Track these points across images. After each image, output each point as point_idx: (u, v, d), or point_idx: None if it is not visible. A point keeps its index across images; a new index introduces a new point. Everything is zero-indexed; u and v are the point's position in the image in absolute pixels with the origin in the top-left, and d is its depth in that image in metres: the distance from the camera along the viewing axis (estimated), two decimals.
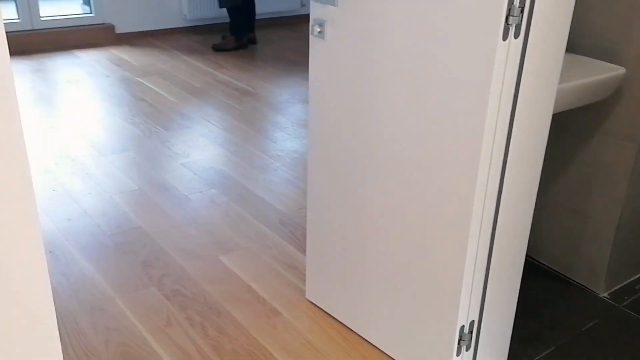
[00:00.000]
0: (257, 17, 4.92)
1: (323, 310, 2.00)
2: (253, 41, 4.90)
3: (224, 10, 4.80)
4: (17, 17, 4.54)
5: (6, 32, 4.41)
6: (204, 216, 2.53)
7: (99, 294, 2.07)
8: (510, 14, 1.26)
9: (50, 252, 2.28)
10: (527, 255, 2.29)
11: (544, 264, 2.26)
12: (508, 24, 1.28)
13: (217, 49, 4.73)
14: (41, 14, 4.60)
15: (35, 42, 4.54)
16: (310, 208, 1.90)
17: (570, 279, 2.19)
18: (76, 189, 2.71)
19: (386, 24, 1.50)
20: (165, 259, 2.25)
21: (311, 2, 1.69)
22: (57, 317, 1.95)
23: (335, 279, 1.90)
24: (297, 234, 2.43)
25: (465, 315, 1.59)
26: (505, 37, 1.29)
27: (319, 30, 1.67)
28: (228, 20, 4.80)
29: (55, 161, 2.94)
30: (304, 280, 2.13)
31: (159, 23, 5.02)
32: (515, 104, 1.39)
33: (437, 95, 1.43)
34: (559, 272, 2.22)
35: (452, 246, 1.51)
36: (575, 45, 1.98)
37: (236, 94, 3.87)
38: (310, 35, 1.71)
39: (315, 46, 1.71)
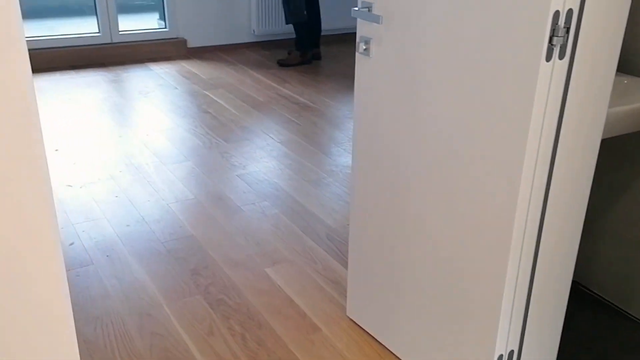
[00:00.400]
0: (322, 34, 4.94)
1: (362, 329, 1.96)
2: (317, 57, 4.92)
3: (291, 26, 4.84)
4: (97, 31, 4.75)
5: (87, 45, 4.63)
6: (254, 228, 2.53)
7: (148, 298, 2.10)
8: (555, 34, 1.19)
9: (107, 256, 2.34)
10: (578, 283, 2.16)
11: (596, 294, 2.12)
12: (552, 45, 1.21)
13: (282, 64, 4.78)
14: (120, 28, 4.80)
15: (113, 54, 4.73)
16: (353, 225, 1.87)
17: (624, 311, 2.05)
18: (137, 196, 2.78)
19: (429, 43, 1.45)
20: (213, 268, 2.27)
21: (358, 20, 1.66)
22: (107, 320, 2.00)
23: (374, 298, 1.86)
24: (342, 249, 2.39)
25: (504, 343, 1.51)
26: (548, 58, 1.22)
27: (364, 47, 1.64)
28: (294, 36, 4.84)
29: (120, 169, 3.04)
30: (346, 297, 2.09)
31: (229, 38, 5.13)
32: (560, 128, 1.32)
33: (479, 114, 1.38)
34: (612, 303, 2.08)
35: (491, 269, 1.44)
36: (630, 65, 1.86)
37: (296, 108, 3.88)
38: (357, 53, 1.69)
39: (361, 63, 1.69)
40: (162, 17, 5.04)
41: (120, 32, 4.80)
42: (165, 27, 4.98)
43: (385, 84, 1.61)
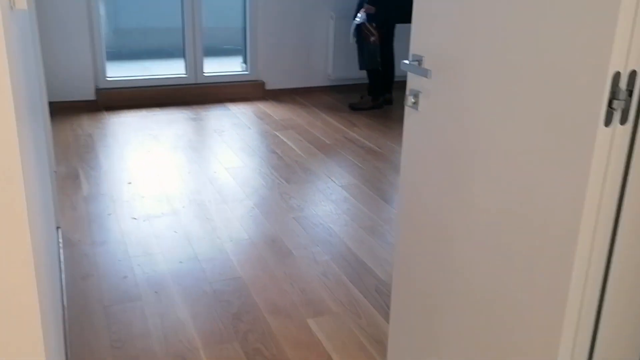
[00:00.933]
0: (395, 79, 4.80)
1: None
2: (389, 102, 4.77)
3: (365, 71, 4.74)
4: (184, 72, 4.84)
5: (173, 85, 4.72)
6: (302, 274, 2.38)
7: (186, 341, 1.99)
8: (615, 97, 0.98)
9: (156, 292, 2.26)
10: None
11: None
12: (612, 108, 1.00)
13: (354, 107, 4.66)
14: (205, 70, 4.87)
15: (196, 94, 4.80)
16: (396, 283, 1.68)
17: None
18: (194, 232, 2.71)
19: (480, 101, 1.27)
20: (255, 314, 2.13)
21: (408, 72, 1.50)
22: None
23: None
24: (390, 304, 2.19)
25: None
26: (607, 123, 1.01)
27: (413, 101, 1.47)
28: (368, 80, 4.73)
29: (183, 204, 2.99)
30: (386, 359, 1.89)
31: (305, 81, 5.09)
32: (622, 199, 1.09)
33: (530, 180, 1.17)
34: None
35: (544, 341, 1.21)
36: None
37: (362, 153, 3.73)
38: (405, 106, 1.52)
39: (410, 116, 1.52)
40: (245, 60, 5.08)
41: (205, 74, 4.87)
42: (246, 70, 5.01)
43: (433, 140, 1.44)
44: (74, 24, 4.32)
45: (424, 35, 1.40)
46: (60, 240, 2.62)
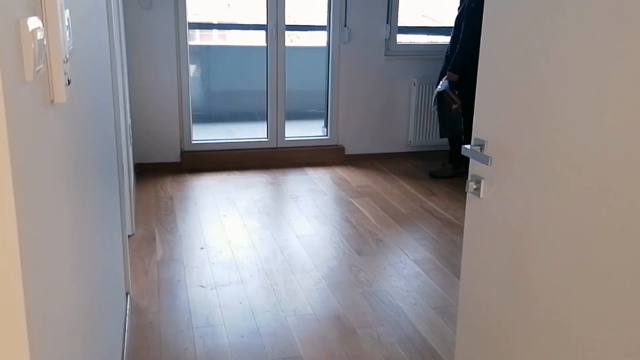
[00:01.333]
0: None
1: None
2: None
3: (446, 138, 4.64)
4: (266, 136, 4.96)
5: (255, 149, 4.83)
6: (364, 356, 2.26)
7: None
8: None
9: None
10: None
11: None
12: None
13: (434, 175, 4.55)
14: (286, 134, 4.96)
15: (276, 158, 4.88)
16: None
17: None
18: (259, 304, 2.67)
19: (545, 192, 1.16)
20: None
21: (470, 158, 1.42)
22: None
23: None
24: None
25: None
26: None
27: (474, 187, 1.38)
28: (449, 148, 4.62)
29: (251, 273, 2.97)
30: None
31: (385, 147, 5.06)
32: None
33: (598, 282, 1.03)
34: None
35: None
36: None
37: (438, 224, 3.59)
38: (467, 192, 1.43)
39: (471, 203, 1.42)
40: (326, 124, 5.14)
41: (286, 138, 4.96)
42: (326, 135, 5.05)
43: (495, 230, 1.33)
44: (164, 89, 4.58)
45: (487, 119, 1.32)
46: (128, 307, 2.66)
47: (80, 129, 1.22)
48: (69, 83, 0.94)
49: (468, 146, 1.35)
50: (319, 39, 5.03)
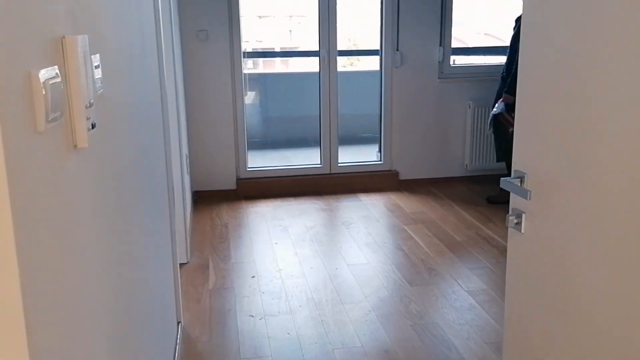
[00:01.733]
0: None
1: None
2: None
3: (504, 162, 4.48)
4: (319, 162, 4.96)
5: (308, 175, 4.84)
6: None
7: None
8: None
9: None
10: None
11: None
12: None
13: (492, 200, 4.40)
14: (339, 160, 4.95)
15: (329, 184, 4.86)
16: None
17: None
18: (307, 335, 2.63)
19: (588, 228, 1.08)
20: None
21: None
22: None
23: None
24: None
25: None
26: None
27: (515, 222, 1.31)
28: (507, 172, 4.46)
29: (300, 303, 2.94)
30: None
31: (440, 172, 4.95)
32: None
33: None
34: None
35: None
36: None
37: (495, 253, 3.46)
38: (508, 227, 1.35)
39: (513, 238, 1.35)
40: (380, 150, 5.09)
41: (339, 164, 4.94)
42: (380, 160, 5.00)
43: (537, 268, 1.24)
44: (220, 117, 4.67)
45: (527, 150, 1.25)
46: (179, 335, 2.69)
47: (113, 168, 1.24)
48: (92, 127, 0.95)
49: (507, 178, 1.28)
50: (374, 63, 5.02)
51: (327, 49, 4.74)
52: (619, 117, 1.00)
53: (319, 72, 4.81)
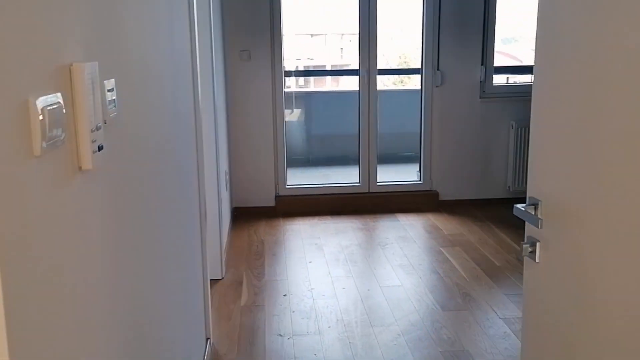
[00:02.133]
0: None
1: None
2: None
3: None
4: (357, 181, 4.95)
5: (346, 194, 4.83)
6: None
7: None
8: None
9: None
10: None
11: None
12: None
13: None
14: (378, 179, 4.92)
15: (367, 203, 4.84)
16: None
17: None
18: (333, 357, 2.61)
19: (604, 257, 1.03)
20: None
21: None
22: None
23: None
24: None
25: None
26: None
27: (530, 250, 1.27)
28: None
29: (330, 323, 2.93)
30: None
31: (482, 193, 4.85)
32: None
33: None
34: None
35: None
36: None
37: None
38: (523, 255, 1.32)
39: (529, 267, 1.31)
40: (420, 169, 5.04)
41: (378, 183, 4.92)
42: (420, 180, 4.95)
43: (552, 293, 1.20)
44: (261, 135, 4.73)
45: (541, 177, 1.21)
46: (208, 352, 2.71)
47: (127, 189, 1.27)
48: (99, 149, 0.98)
49: (520, 205, 1.24)
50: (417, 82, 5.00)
51: (367, 68, 4.74)
52: (637, 145, 0.96)
53: (359, 90, 4.82)
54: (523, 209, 1.24)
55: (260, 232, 4.38)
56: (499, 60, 4.86)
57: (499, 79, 4.99)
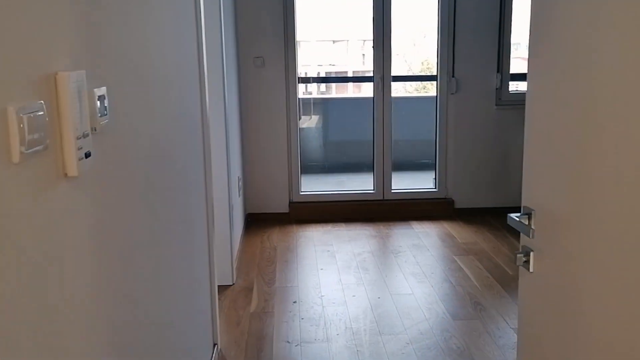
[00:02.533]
0: None
1: None
2: None
3: None
4: (372, 188, 4.94)
5: (360, 201, 4.82)
6: None
7: None
8: None
9: None
10: None
11: None
12: None
13: None
14: (393, 186, 4.90)
15: (381, 211, 4.82)
16: None
17: None
18: None
19: (598, 269, 1.02)
20: None
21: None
22: None
23: None
24: None
25: None
26: None
27: (524, 260, 1.26)
28: None
29: (338, 331, 2.92)
30: None
31: (498, 201, 4.80)
32: None
33: None
34: None
35: None
36: None
37: None
38: (517, 265, 1.30)
39: (523, 277, 1.30)
40: (435, 177, 5.01)
41: (392, 190, 4.90)
42: (435, 187, 4.92)
43: (548, 311, 1.18)
44: (275, 141, 4.74)
45: (535, 185, 1.20)
46: (214, 357, 2.72)
47: (120, 195, 1.29)
48: (86, 156, 1.00)
49: (514, 215, 1.23)
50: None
51: (382, 74, 4.74)
52: (631, 154, 0.94)
53: (373, 97, 4.81)
54: (517, 218, 1.23)
55: (273, 239, 4.39)
56: (518, 66, 4.81)
57: (520, 86, 4.94)
